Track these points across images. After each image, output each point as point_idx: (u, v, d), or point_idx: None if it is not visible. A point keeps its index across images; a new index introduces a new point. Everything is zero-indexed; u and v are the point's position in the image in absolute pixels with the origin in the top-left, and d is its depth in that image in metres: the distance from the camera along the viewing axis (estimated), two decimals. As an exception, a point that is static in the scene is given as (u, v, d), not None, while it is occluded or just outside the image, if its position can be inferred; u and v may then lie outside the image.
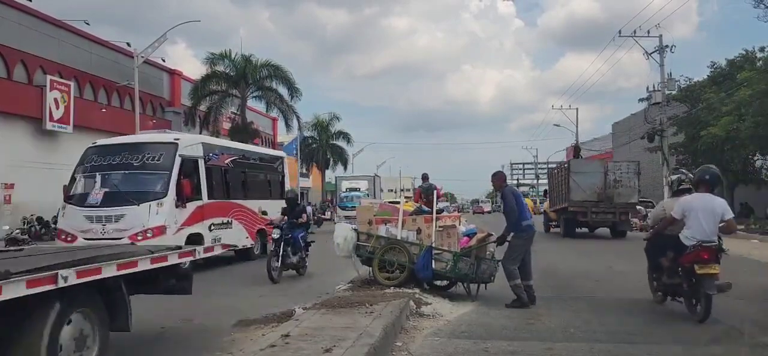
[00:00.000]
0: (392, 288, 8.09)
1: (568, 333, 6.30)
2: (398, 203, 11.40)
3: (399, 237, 8.63)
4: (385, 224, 8.86)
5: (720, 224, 7.03)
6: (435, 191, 11.78)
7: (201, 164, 12.91)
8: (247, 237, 14.49)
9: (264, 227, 14.66)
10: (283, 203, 16.30)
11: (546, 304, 7.89)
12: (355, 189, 33.63)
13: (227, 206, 13.89)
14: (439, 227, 8.56)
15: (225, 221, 13.61)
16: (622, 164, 21.70)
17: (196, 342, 6.39)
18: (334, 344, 4.93)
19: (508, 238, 8.16)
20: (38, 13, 23.78)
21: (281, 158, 17.97)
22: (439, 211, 9.26)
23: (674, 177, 8.65)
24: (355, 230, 8.97)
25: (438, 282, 8.75)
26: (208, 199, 12.95)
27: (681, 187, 7.78)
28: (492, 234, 8.82)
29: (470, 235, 8.69)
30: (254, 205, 14.80)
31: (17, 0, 22.58)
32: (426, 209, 9.65)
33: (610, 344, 5.75)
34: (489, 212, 63.39)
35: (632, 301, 8.33)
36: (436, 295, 8.21)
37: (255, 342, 5.55)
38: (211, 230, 12.88)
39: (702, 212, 6.94)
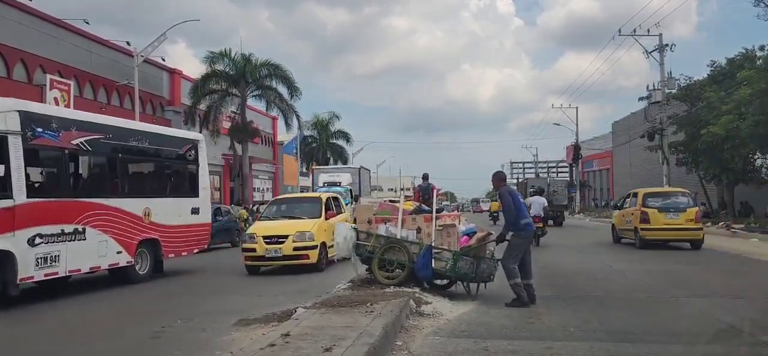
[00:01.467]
0: (392, 287, 8.09)
1: (568, 332, 6.30)
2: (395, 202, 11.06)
3: (399, 236, 8.62)
4: (385, 224, 8.82)
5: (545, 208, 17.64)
6: (433, 191, 11.79)
7: (14, 143, 8.70)
8: (121, 252, 10.60)
9: (156, 236, 11.53)
10: (192, 203, 12.76)
11: (546, 303, 7.89)
12: (335, 184, 26.72)
13: (74, 207, 9.72)
14: (439, 226, 8.56)
15: (69, 230, 9.52)
16: (559, 182, 35.27)
17: (196, 342, 6.39)
18: (334, 343, 4.93)
19: (508, 237, 8.18)
20: (38, 12, 23.77)
21: (193, 142, 13.33)
22: (439, 210, 9.25)
23: (531, 189, 23.81)
24: (355, 229, 8.94)
25: (437, 281, 8.76)
26: (30, 197, 8.86)
27: (533, 193, 20.01)
28: (491, 233, 8.85)
29: (470, 234, 8.69)
30: (137, 206, 11.15)
31: (17, -1, 22.59)
32: (426, 208, 9.66)
33: (610, 343, 5.75)
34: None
35: (632, 300, 8.35)
36: (436, 294, 8.21)
37: (255, 341, 5.55)
38: (34, 245, 8.88)
39: (536, 204, 16.99)
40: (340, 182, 27.16)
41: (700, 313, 7.38)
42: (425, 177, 15.32)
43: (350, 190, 26.01)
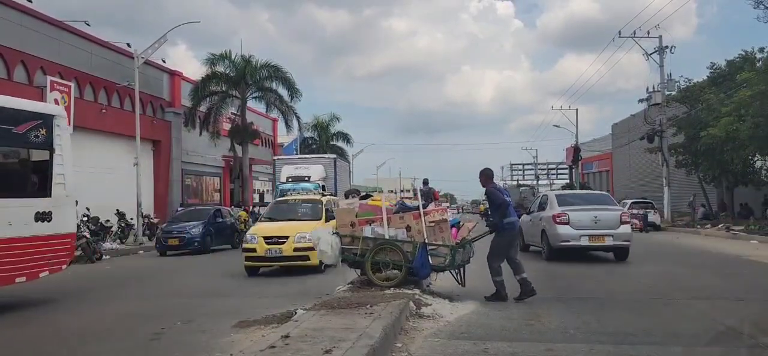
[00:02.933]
0: (392, 289, 8.09)
1: (568, 333, 6.30)
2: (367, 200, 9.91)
3: (387, 236, 8.54)
4: (370, 225, 8.65)
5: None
6: (436, 195, 11.86)
7: None
8: None
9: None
10: (38, 206, 8.91)
11: (546, 305, 7.89)
12: (302, 179, 21.10)
13: None
14: (430, 222, 8.53)
15: None
16: (527, 188, 47.11)
17: (196, 343, 6.39)
18: (334, 345, 4.93)
19: (504, 219, 8.39)
20: (38, 13, 23.80)
21: (43, 117, 9.32)
22: (425, 205, 9.19)
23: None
24: (337, 234, 8.78)
25: None
26: None
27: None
28: (476, 222, 9.41)
29: (455, 225, 8.88)
30: None
31: (17, 1, 22.60)
32: (409, 204, 9.28)
33: (610, 345, 5.75)
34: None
35: (632, 302, 8.35)
36: (436, 296, 8.21)
37: (255, 343, 5.55)
38: None
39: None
40: (308, 177, 21.32)
41: (699, 315, 7.38)
42: (425, 182, 15.53)
43: (323, 186, 20.89)
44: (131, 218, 23.08)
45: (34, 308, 9.07)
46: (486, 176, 8.79)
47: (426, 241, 8.33)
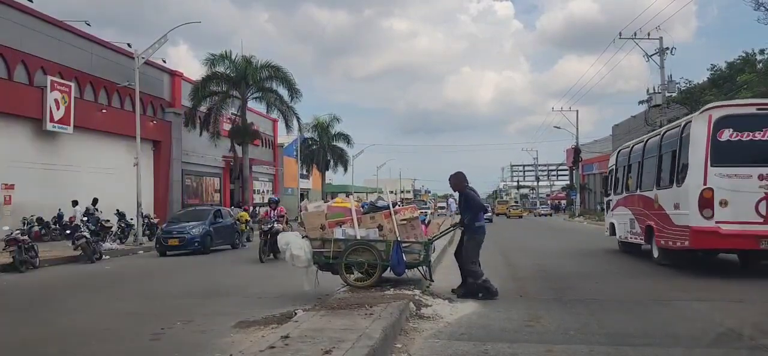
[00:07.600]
0: (392, 290, 8.09)
1: (568, 335, 6.29)
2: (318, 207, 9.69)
3: (358, 237, 8.56)
4: (340, 226, 8.65)
5: None
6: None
7: None
8: None
9: None
10: None
11: (545, 306, 7.89)
12: None
13: None
14: (402, 221, 8.62)
15: None
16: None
17: (196, 344, 6.39)
18: (334, 345, 4.93)
19: (474, 221, 8.57)
20: (39, 13, 23.81)
21: None
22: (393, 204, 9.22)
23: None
24: (306, 237, 8.76)
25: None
26: None
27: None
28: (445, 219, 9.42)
29: (423, 221, 9.07)
30: None
31: (18, 0, 22.61)
32: (381, 204, 9.20)
33: (610, 346, 5.74)
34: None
35: (632, 303, 8.34)
36: (436, 297, 8.22)
37: (254, 343, 5.54)
38: None
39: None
40: None
41: (700, 316, 7.37)
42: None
43: None
44: (131, 218, 23.07)
45: (34, 308, 9.06)
46: (459, 178, 8.88)
47: (398, 239, 8.39)
